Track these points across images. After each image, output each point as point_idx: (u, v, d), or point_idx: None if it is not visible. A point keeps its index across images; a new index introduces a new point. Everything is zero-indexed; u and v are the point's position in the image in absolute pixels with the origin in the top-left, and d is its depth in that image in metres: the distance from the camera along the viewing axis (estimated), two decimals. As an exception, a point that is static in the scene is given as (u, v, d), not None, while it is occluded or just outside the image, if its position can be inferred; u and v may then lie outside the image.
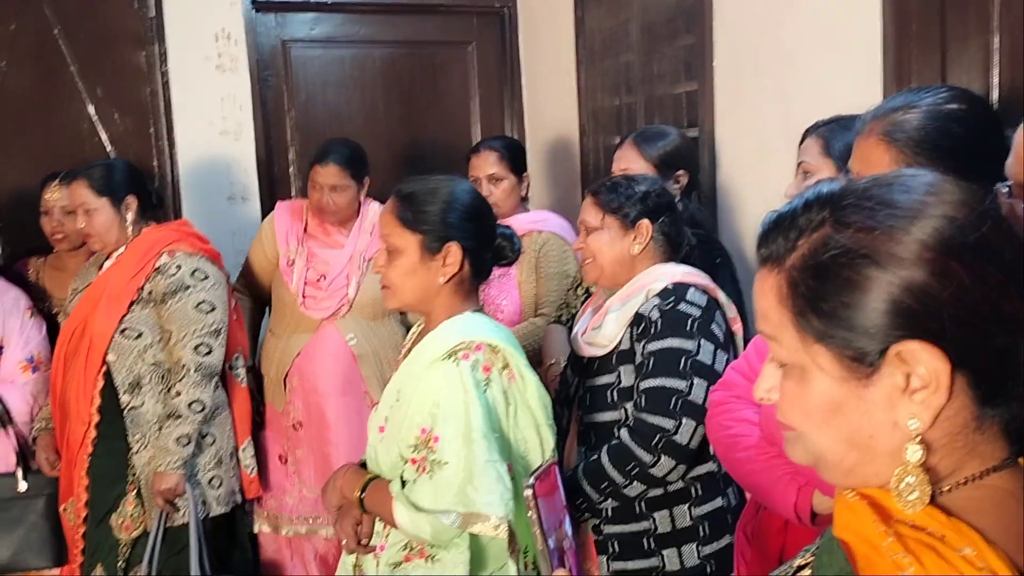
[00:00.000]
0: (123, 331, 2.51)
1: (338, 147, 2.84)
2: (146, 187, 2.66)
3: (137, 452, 2.51)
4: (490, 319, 1.79)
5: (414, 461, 1.64)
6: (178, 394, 2.48)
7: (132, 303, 2.51)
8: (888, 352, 0.71)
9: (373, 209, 2.87)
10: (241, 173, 3.57)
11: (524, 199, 2.92)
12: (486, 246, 1.77)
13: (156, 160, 3.39)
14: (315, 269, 2.84)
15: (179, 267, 2.54)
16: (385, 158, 3.60)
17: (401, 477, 1.68)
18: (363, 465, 1.84)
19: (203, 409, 2.51)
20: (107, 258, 2.62)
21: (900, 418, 0.72)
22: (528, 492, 1.26)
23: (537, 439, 1.72)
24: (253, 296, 2.98)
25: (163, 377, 2.53)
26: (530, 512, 1.29)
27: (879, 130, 1.31)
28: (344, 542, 1.82)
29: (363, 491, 1.73)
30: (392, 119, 3.82)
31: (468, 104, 3.95)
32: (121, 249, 2.57)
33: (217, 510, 2.61)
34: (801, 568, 0.83)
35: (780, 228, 0.78)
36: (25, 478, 2.58)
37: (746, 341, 1.98)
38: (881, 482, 0.75)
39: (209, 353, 2.52)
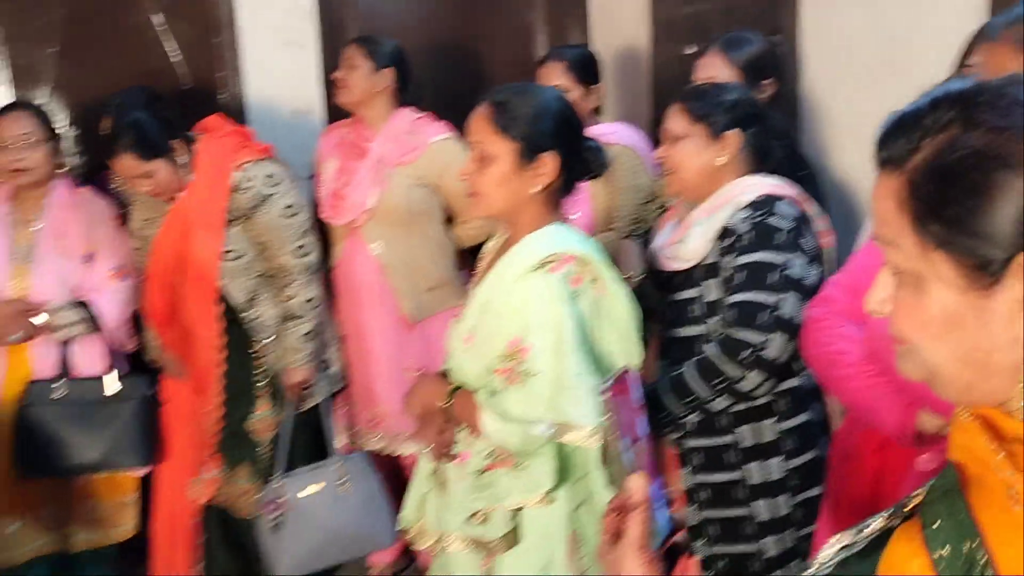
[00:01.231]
0: (225, 254, 2.57)
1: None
2: (174, 121, 2.60)
3: (265, 357, 2.65)
4: (578, 231, 1.76)
5: (503, 372, 1.64)
6: (291, 297, 2.61)
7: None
8: (1013, 261, 0.68)
9: (404, 116, 2.82)
10: (304, 85, 3.52)
11: (596, 111, 2.86)
12: (577, 158, 1.73)
13: (221, 70, 3.36)
14: (341, 177, 2.81)
15: (253, 179, 2.56)
16: (447, 69, 3.52)
17: (488, 388, 1.68)
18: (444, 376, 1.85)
19: (318, 305, 2.64)
20: None
21: (1022, 333, 0.68)
22: (604, 396, 1.25)
23: (625, 352, 1.71)
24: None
25: (273, 282, 2.63)
26: (607, 416, 1.28)
27: (1014, 37, 1.24)
28: (425, 450, 1.84)
29: (447, 400, 1.74)
30: (454, 29, 3.74)
31: (532, 13, 3.85)
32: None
33: (336, 387, 2.79)
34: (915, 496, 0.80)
35: (903, 129, 0.73)
36: (115, 382, 2.64)
37: (837, 256, 1.94)
38: (998, 400, 0.72)
39: (308, 253, 2.63)
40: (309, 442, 2.71)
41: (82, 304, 2.63)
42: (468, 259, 2.80)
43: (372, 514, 2.63)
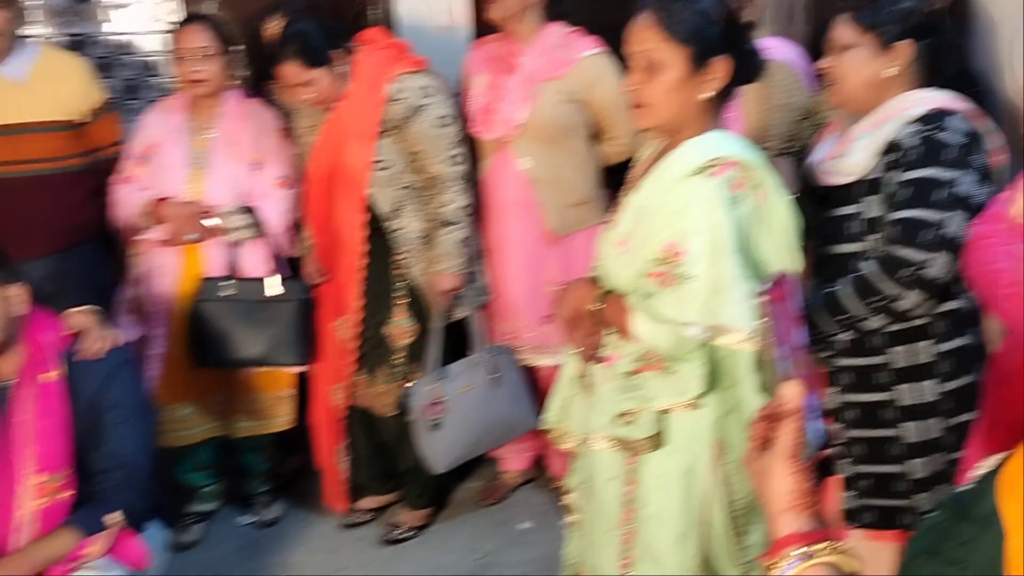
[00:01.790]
0: (375, 164, 2.65)
1: None
2: (335, 31, 2.68)
3: (405, 267, 2.75)
4: (740, 137, 1.74)
5: (656, 275, 1.65)
6: (446, 204, 2.68)
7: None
8: None
9: (554, 31, 2.80)
10: (453, 0, 3.54)
11: (750, 26, 2.77)
12: (745, 61, 1.70)
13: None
14: (491, 93, 2.83)
15: (406, 90, 2.63)
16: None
17: (640, 291, 1.71)
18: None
19: (471, 213, 2.71)
20: None
21: None
22: (760, 299, 1.25)
23: (784, 261, 1.70)
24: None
25: (418, 196, 2.71)
26: (762, 321, 1.29)
27: None
28: (573, 353, 1.89)
29: (598, 303, 1.78)
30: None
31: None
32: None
33: (482, 299, 2.87)
34: None
35: None
36: (277, 284, 2.81)
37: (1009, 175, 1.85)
38: None
39: (461, 162, 2.69)
40: (457, 351, 2.82)
41: (249, 209, 2.78)
42: (610, 178, 2.81)
43: (519, 403, 2.78)
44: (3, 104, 2.79)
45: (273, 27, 2.90)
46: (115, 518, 2.01)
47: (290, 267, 2.94)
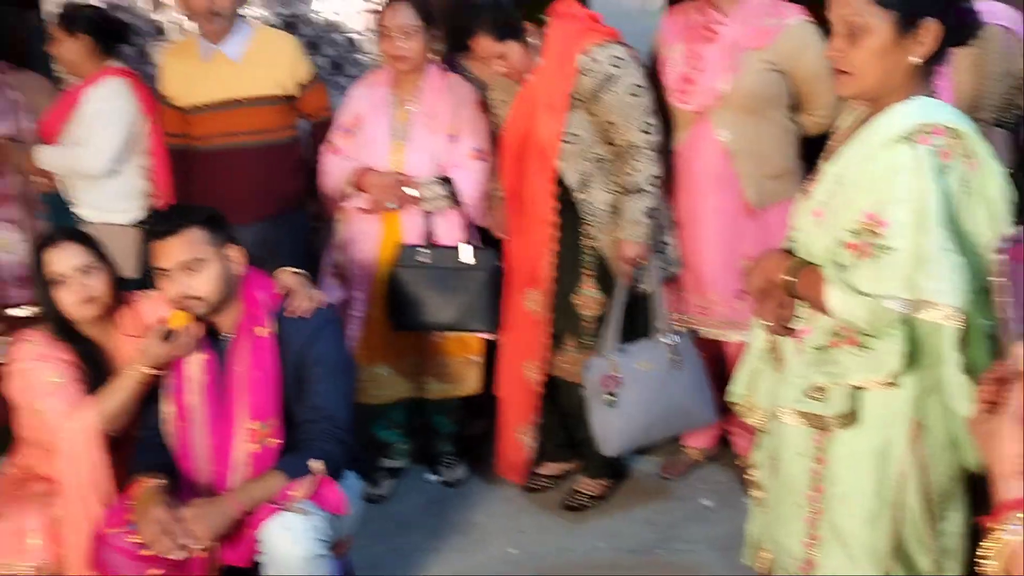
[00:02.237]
0: (565, 136, 2.68)
1: None
2: (528, 4, 2.70)
3: (593, 239, 2.78)
4: (949, 105, 1.64)
5: (853, 247, 1.59)
6: (636, 172, 2.67)
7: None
8: None
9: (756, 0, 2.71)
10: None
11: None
12: (958, 22, 1.60)
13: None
14: (689, 62, 2.77)
15: (598, 61, 2.63)
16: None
17: (836, 263, 1.64)
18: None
19: (657, 183, 2.68)
20: None
21: None
22: (999, 256, 1.17)
23: (995, 234, 1.59)
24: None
25: (607, 168, 2.72)
26: (998, 278, 1.21)
27: None
28: (763, 325, 1.85)
29: (791, 274, 1.73)
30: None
31: None
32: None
33: (673, 270, 2.85)
34: None
35: None
36: (470, 254, 2.90)
37: None
38: None
39: (654, 132, 2.67)
40: (640, 326, 2.81)
41: (446, 180, 2.88)
42: (808, 150, 2.71)
43: (698, 392, 2.72)
44: (222, 80, 3.03)
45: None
46: (317, 465, 2.16)
47: (482, 237, 3.03)
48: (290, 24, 3.60)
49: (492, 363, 3.09)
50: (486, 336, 3.02)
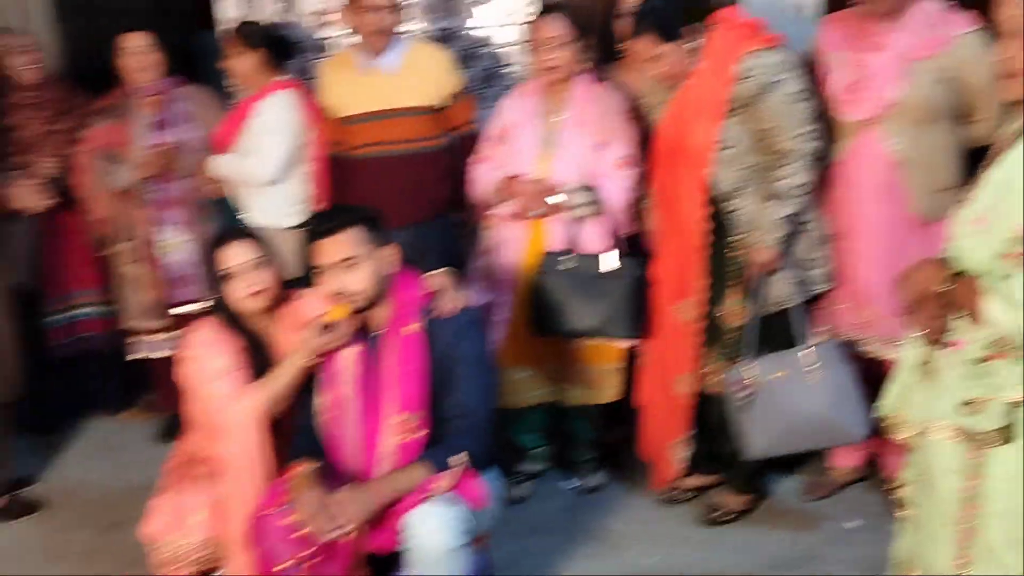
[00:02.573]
0: (719, 144, 2.66)
1: None
2: (690, 9, 2.69)
3: (741, 249, 2.74)
4: None
5: (1015, 256, 1.53)
6: (785, 178, 2.62)
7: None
8: None
9: (926, 7, 2.62)
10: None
11: None
12: None
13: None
14: (855, 71, 2.69)
15: (758, 67, 2.60)
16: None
17: (995, 273, 1.58)
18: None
19: (805, 193, 2.62)
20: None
21: None
22: None
23: None
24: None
25: (761, 177, 2.67)
26: None
27: None
28: (916, 336, 1.79)
29: (947, 284, 1.67)
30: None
31: None
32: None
33: (818, 288, 2.78)
34: None
35: None
36: (614, 261, 2.91)
37: None
38: None
39: (813, 139, 2.61)
40: (781, 340, 2.74)
41: (592, 188, 2.91)
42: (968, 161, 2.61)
43: (841, 404, 2.63)
44: (378, 92, 3.19)
45: (629, 3, 3.01)
46: (460, 459, 2.23)
47: (627, 245, 3.04)
48: (444, 37, 3.75)
49: (633, 371, 3.10)
50: (627, 344, 3.03)
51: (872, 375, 2.82)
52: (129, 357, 3.74)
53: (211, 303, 2.56)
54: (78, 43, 4.29)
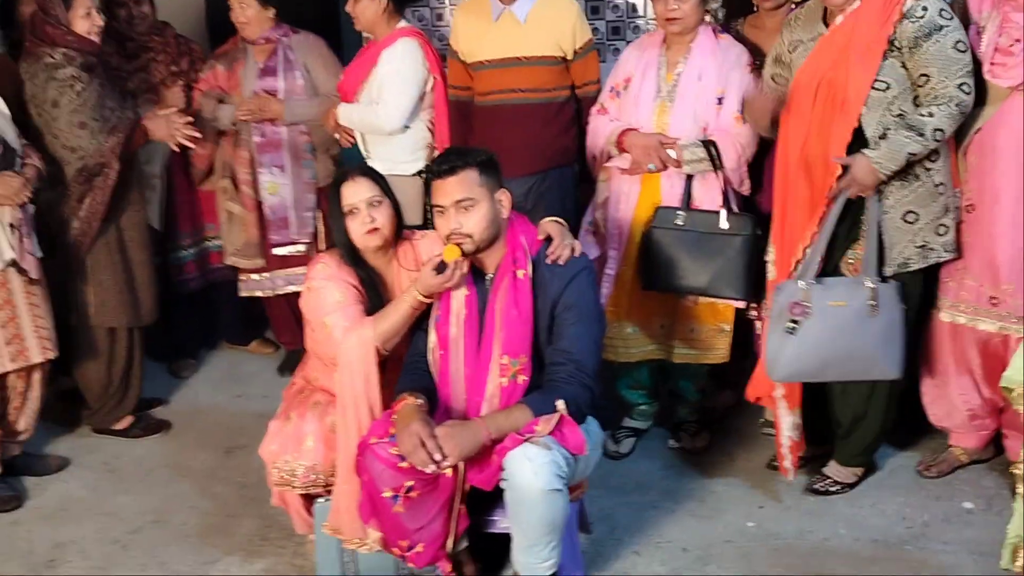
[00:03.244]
0: (873, 84, 2.54)
1: None
2: None
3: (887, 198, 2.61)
4: None
5: None
6: (930, 117, 2.49)
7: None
8: None
9: None
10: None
11: None
12: None
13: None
14: (1007, 34, 2.53)
15: (925, 9, 2.49)
16: None
17: None
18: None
19: (940, 139, 2.50)
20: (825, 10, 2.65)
21: None
22: None
23: None
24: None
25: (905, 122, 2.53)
26: None
27: None
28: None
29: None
30: None
31: None
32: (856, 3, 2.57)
33: (944, 256, 2.67)
34: None
35: None
36: (728, 218, 2.87)
37: None
38: None
39: (969, 92, 2.49)
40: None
41: (708, 143, 2.86)
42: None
43: (889, 342, 2.58)
44: (507, 39, 3.20)
45: None
46: (561, 405, 2.25)
47: (742, 202, 2.98)
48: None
49: (741, 334, 3.05)
50: (738, 304, 2.98)
51: (991, 352, 2.71)
52: (241, 294, 3.89)
53: (333, 238, 2.64)
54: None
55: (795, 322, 2.58)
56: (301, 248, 3.69)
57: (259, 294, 3.84)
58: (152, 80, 3.65)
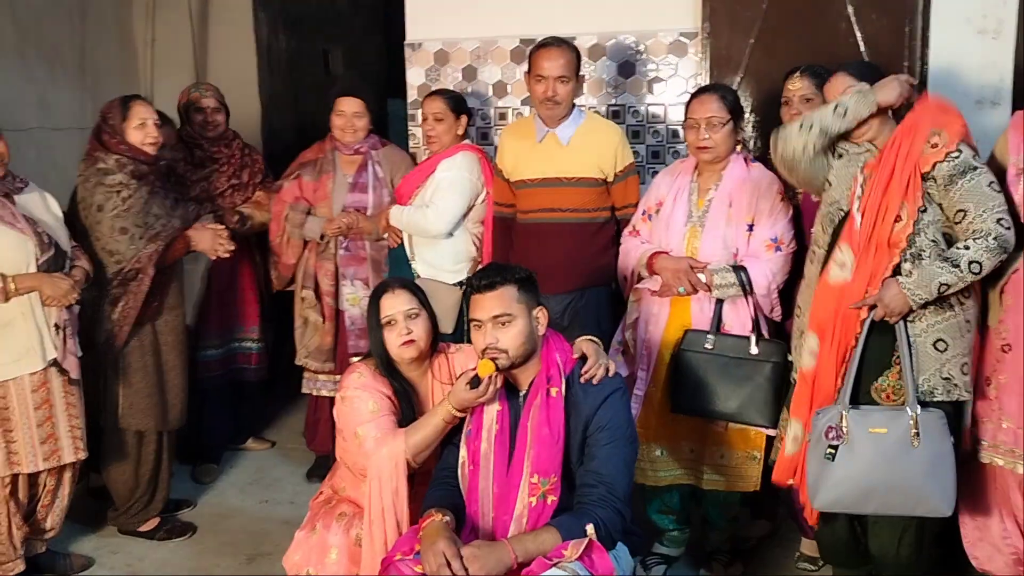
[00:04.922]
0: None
1: None
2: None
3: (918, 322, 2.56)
4: None
5: None
6: (966, 249, 2.44)
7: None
8: None
9: None
10: (994, 75, 3.34)
11: None
12: None
13: (906, 59, 3.36)
14: None
15: (960, 150, 2.49)
16: None
17: None
18: None
19: (977, 273, 2.44)
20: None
21: None
22: None
23: None
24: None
25: (938, 255, 2.50)
26: None
27: None
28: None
29: None
30: None
31: None
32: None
33: (964, 396, 2.57)
34: None
35: None
36: (758, 344, 2.87)
37: None
38: None
39: (1009, 228, 2.45)
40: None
41: (739, 268, 2.88)
42: None
43: (937, 475, 2.47)
44: (551, 160, 3.28)
45: (794, 81, 3.02)
46: (591, 530, 2.20)
47: (769, 329, 2.97)
48: (617, 112, 3.83)
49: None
50: (769, 432, 2.94)
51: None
52: (304, 390, 3.95)
53: (369, 348, 2.66)
54: (279, 100, 4.66)
55: (833, 447, 2.53)
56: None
57: (325, 393, 3.87)
58: (212, 191, 3.79)
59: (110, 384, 3.31)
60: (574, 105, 3.31)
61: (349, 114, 3.71)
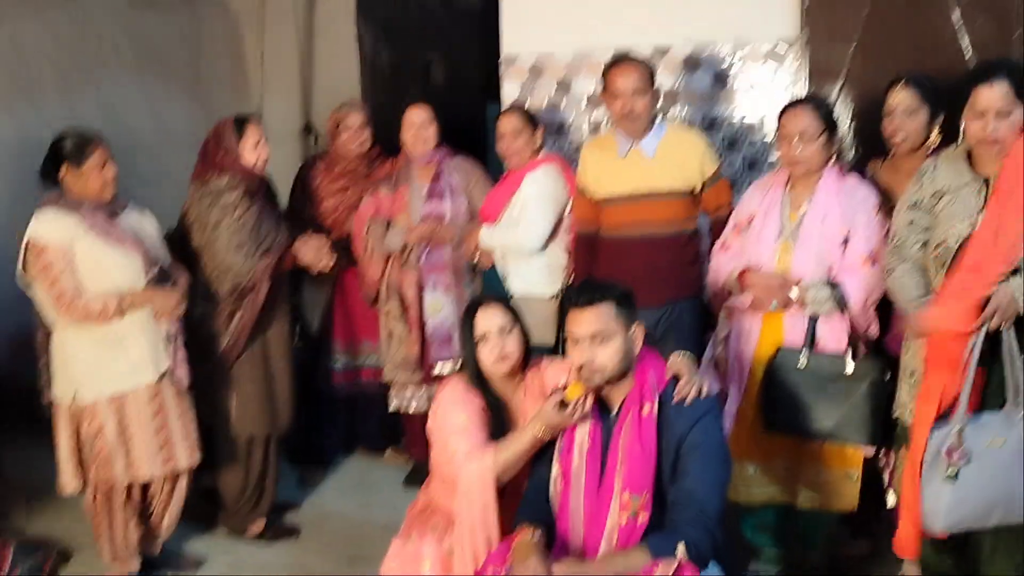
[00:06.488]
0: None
1: None
2: None
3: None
4: None
5: None
6: None
7: None
8: None
9: None
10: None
11: None
12: None
13: (1016, 67, 3.23)
14: None
15: None
16: None
17: None
18: None
19: None
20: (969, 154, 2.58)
21: None
22: None
23: None
24: None
25: None
26: None
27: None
28: None
29: None
30: None
31: None
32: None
33: None
34: None
35: None
36: (853, 359, 2.81)
37: None
38: None
39: None
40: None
41: (833, 284, 2.82)
42: None
43: None
44: (636, 175, 3.27)
45: (896, 94, 2.94)
46: (681, 550, 2.19)
47: (867, 346, 2.90)
48: (710, 125, 3.79)
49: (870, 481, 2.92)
50: (867, 450, 2.87)
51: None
52: (391, 408, 4.02)
53: (463, 363, 2.72)
54: (383, 111, 4.78)
55: (955, 468, 2.45)
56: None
57: (411, 410, 3.94)
58: (348, 204, 3.94)
59: (222, 392, 3.45)
60: (654, 118, 3.30)
61: (418, 124, 3.77)
